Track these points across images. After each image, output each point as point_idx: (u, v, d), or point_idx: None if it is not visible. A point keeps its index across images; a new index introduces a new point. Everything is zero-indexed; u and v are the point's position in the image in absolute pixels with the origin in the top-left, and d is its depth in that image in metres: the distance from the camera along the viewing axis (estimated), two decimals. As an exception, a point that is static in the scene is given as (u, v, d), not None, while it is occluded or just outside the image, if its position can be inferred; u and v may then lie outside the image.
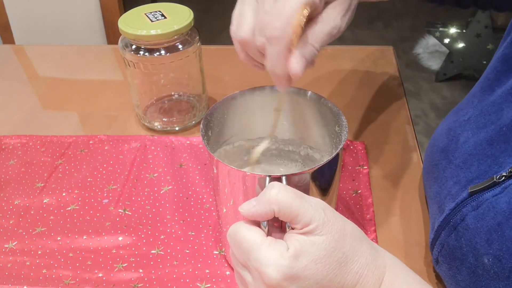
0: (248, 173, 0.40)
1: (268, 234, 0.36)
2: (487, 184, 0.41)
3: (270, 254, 0.33)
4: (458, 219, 0.43)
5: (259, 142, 0.51)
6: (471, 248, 0.41)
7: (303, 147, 0.52)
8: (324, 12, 0.41)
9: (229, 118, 0.49)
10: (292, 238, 0.35)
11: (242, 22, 0.41)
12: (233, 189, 0.42)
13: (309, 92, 0.48)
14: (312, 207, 0.34)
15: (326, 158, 0.50)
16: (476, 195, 0.42)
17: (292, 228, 0.35)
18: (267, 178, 0.38)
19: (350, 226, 0.36)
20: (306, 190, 0.41)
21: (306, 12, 0.38)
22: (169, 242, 0.54)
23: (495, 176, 0.40)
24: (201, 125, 0.45)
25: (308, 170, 0.40)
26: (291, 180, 0.39)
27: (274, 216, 0.35)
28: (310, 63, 0.41)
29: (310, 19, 0.40)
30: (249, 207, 0.36)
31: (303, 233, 0.34)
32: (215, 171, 0.43)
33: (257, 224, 0.36)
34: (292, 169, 0.53)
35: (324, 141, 0.49)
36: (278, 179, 0.38)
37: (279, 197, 0.34)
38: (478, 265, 0.40)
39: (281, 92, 0.46)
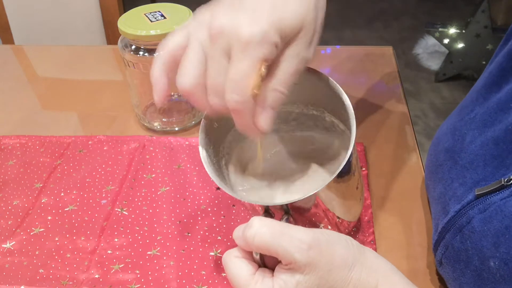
0: (247, 203, 0.39)
1: (262, 258, 0.36)
2: (494, 187, 0.40)
3: None
4: (464, 221, 0.42)
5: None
6: (477, 251, 0.40)
7: (327, 114, 0.49)
8: (287, 49, 0.36)
9: None
10: (279, 275, 0.35)
11: (185, 72, 0.37)
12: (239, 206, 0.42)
13: (335, 84, 0.44)
14: (293, 247, 0.34)
15: (348, 134, 0.48)
16: (483, 197, 0.41)
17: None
18: (265, 206, 0.38)
19: (339, 255, 0.35)
20: (310, 209, 0.40)
21: (264, 69, 0.34)
22: (165, 243, 0.54)
23: (503, 179, 0.40)
24: (200, 133, 0.43)
25: (310, 195, 0.38)
26: (293, 206, 0.37)
27: None
28: (276, 109, 0.37)
29: (272, 61, 0.36)
30: (237, 236, 0.36)
31: (288, 269, 0.34)
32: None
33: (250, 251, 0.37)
34: (317, 139, 0.50)
35: (346, 119, 0.46)
36: (278, 207, 0.37)
37: (255, 239, 0.34)
38: (484, 268, 0.39)
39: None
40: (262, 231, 0.34)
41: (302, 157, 0.50)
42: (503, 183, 0.39)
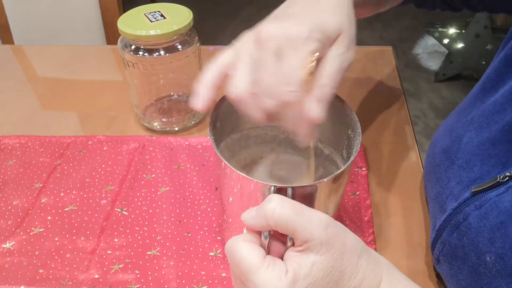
0: (254, 181, 0.39)
1: (269, 245, 0.36)
2: (490, 184, 0.41)
3: (268, 278, 0.33)
4: (461, 218, 0.43)
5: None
6: (474, 246, 0.41)
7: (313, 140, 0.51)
8: (330, 50, 0.40)
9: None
10: (291, 258, 0.34)
11: (237, 80, 0.39)
12: (239, 191, 0.42)
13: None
14: (312, 224, 0.34)
15: (334, 155, 0.50)
16: (479, 194, 0.42)
17: (293, 243, 0.35)
18: (272, 188, 0.38)
19: (350, 241, 0.35)
20: (311, 200, 0.40)
21: (314, 59, 0.38)
22: (165, 243, 0.54)
23: (498, 176, 0.41)
24: (210, 118, 0.44)
25: (317, 182, 0.39)
26: (296, 192, 0.38)
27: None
28: (326, 104, 0.40)
29: (319, 60, 0.39)
30: (249, 217, 0.36)
31: (302, 251, 0.34)
32: (221, 172, 0.43)
33: (258, 235, 0.36)
34: (301, 161, 0.52)
35: (335, 139, 0.48)
36: (284, 189, 0.37)
37: (276, 213, 0.34)
38: (480, 263, 0.40)
39: (308, 144, 0.45)
40: (283, 206, 0.34)
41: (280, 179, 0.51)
42: (498, 180, 0.40)
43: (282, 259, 0.36)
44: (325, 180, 0.39)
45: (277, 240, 0.36)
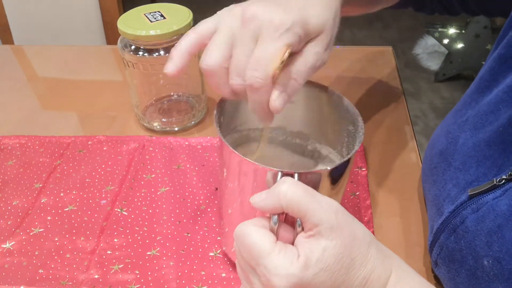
0: (260, 167, 0.39)
1: (278, 231, 0.36)
2: (487, 187, 0.41)
3: (280, 263, 0.33)
4: (458, 222, 0.43)
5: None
6: (471, 250, 0.41)
7: (311, 141, 0.51)
8: (307, 46, 0.40)
9: (241, 105, 0.48)
10: (302, 244, 0.34)
11: (212, 52, 0.39)
12: (244, 181, 0.42)
13: (326, 88, 0.47)
14: (323, 208, 0.34)
15: (333, 155, 0.50)
16: (476, 197, 0.42)
17: (302, 229, 0.35)
18: (279, 174, 0.38)
19: (360, 229, 0.35)
20: (316, 188, 0.40)
21: (287, 54, 0.38)
22: (165, 243, 0.54)
23: (495, 179, 0.40)
24: (215, 111, 0.44)
25: (322, 170, 0.40)
26: (302, 178, 0.38)
27: (284, 212, 0.35)
28: (290, 97, 0.40)
29: (293, 53, 0.39)
30: (259, 199, 0.35)
31: (313, 236, 0.34)
32: (226, 160, 0.43)
33: (267, 221, 0.36)
34: (297, 162, 0.52)
35: (334, 138, 0.48)
36: (291, 175, 0.38)
37: (288, 193, 0.34)
38: (478, 267, 0.40)
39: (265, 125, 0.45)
40: (296, 188, 0.34)
41: None
42: (495, 183, 0.40)
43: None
44: (329, 168, 0.39)
45: (286, 226, 0.36)
